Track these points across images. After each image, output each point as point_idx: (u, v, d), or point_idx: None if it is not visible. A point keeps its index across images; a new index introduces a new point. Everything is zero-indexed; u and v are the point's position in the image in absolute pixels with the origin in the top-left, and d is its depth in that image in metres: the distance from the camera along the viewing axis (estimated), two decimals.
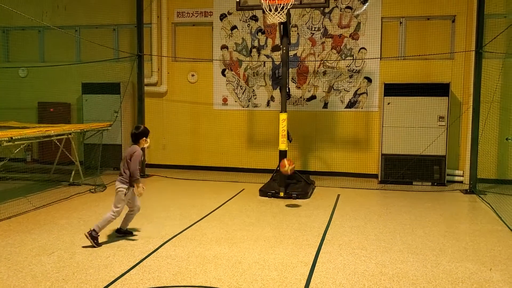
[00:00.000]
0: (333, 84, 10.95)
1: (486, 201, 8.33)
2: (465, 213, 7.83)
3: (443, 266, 5.09)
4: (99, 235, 5.71)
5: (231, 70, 11.53)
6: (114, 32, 12.13)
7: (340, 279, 4.69)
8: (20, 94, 12.57)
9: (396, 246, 5.79)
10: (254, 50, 11.36)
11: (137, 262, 5.14)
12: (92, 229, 5.67)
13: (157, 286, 4.49)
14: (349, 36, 10.80)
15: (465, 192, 9.24)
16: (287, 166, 8.08)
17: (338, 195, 8.92)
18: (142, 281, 4.60)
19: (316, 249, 5.65)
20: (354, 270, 4.96)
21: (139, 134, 5.89)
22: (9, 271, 4.84)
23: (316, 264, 5.12)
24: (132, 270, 4.89)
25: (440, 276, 4.79)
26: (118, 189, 5.80)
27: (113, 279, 4.65)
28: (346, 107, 10.92)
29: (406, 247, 5.76)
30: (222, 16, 11.44)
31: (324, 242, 5.92)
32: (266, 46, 11.28)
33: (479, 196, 8.79)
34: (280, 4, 8.01)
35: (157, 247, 5.67)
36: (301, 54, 11.06)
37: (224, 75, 11.58)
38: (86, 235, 5.64)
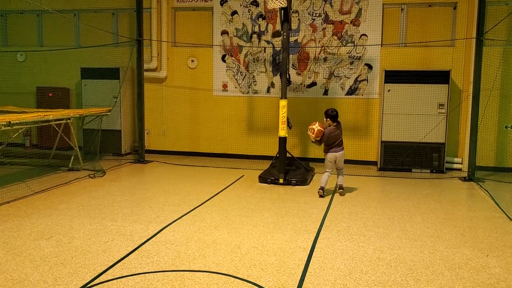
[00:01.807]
0: (334, 71, 10.90)
1: (484, 189, 8.35)
2: (463, 200, 7.85)
3: (441, 252, 5.11)
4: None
5: (231, 56, 11.47)
6: (113, 16, 12.05)
7: (338, 264, 4.71)
8: (18, 79, 12.53)
9: (394, 232, 5.82)
10: (254, 35, 11.29)
11: (136, 246, 5.16)
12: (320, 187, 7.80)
13: (156, 270, 4.51)
14: (350, 23, 10.73)
15: (464, 179, 9.25)
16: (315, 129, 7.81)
17: None
18: (141, 266, 4.62)
19: (315, 235, 5.68)
20: (352, 255, 4.98)
21: (337, 115, 7.86)
22: (8, 255, 4.86)
23: (315, 250, 5.14)
24: (131, 255, 4.91)
25: (437, 262, 4.81)
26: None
27: (111, 263, 4.67)
28: (346, 94, 10.89)
29: (404, 233, 5.78)
30: (223, 1, 11.34)
31: (322, 228, 5.94)
32: (267, 31, 11.21)
33: (478, 184, 8.81)
34: None
35: (156, 232, 5.68)
36: (301, 40, 11.00)
37: (224, 61, 11.53)
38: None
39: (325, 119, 7.88)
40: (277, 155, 8.95)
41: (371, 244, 5.36)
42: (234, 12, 11.31)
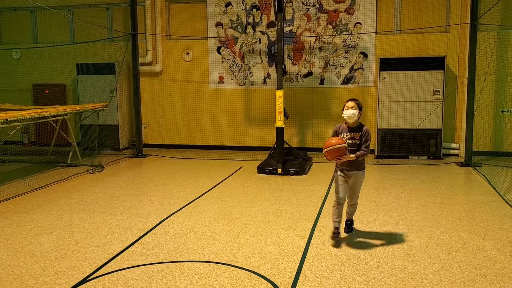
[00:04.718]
0: (329, 60, 10.91)
1: (481, 173, 8.40)
2: (460, 185, 7.90)
3: (438, 236, 5.16)
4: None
5: (227, 48, 11.47)
6: (108, 11, 12.02)
7: (336, 251, 4.76)
8: (14, 76, 12.51)
9: (391, 218, 5.86)
10: (249, 26, 11.28)
11: (135, 239, 5.20)
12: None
13: (156, 262, 4.55)
14: (344, 11, 10.72)
15: (461, 164, 9.30)
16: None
17: None
18: (141, 258, 4.66)
19: (313, 222, 5.72)
20: (350, 242, 5.02)
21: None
22: (8, 251, 4.90)
23: (313, 237, 5.19)
24: (130, 247, 4.95)
25: (435, 246, 4.86)
26: None
27: (112, 256, 4.71)
28: (342, 83, 10.90)
29: (401, 219, 5.82)
30: None
31: (320, 216, 5.99)
32: (261, 22, 11.20)
33: (475, 168, 8.86)
34: None
35: (155, 224, 5.72)
36: (296, 30, 10.99)
37: (219, 52, 11.52)
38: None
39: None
40: (275, 146, 8.98)
41: (369, 230, 5.40)
42: (228, 4, 11.29)
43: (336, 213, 5.02)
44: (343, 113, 5.00)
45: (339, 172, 4.99)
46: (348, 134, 4.97)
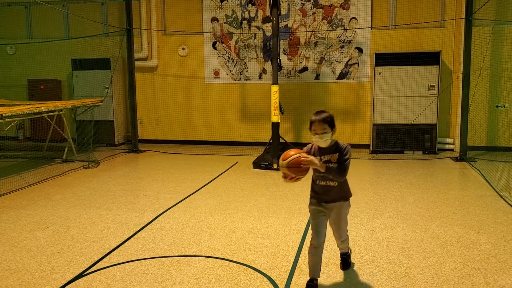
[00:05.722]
0: (325, 55, 10.91)
1: (476, 168, 8.44)
2: (455, 180, 7.94)
3: (432, 230, 5.19)
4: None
5: (222, 43, 11.45)
6: (103, 6, 11.96)
7: (332, 245, 4.76)
8: (9, 72, 12.44)
9: (386, 212, 5.90)
10: (244, 22, 11.26)
11: (131, 234, 5.21)
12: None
13: (152, 256, 4.57)
14: (340, 6, 10.72)
15: (456, 159, 9.35)
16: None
17: None
18: (137, 252, 4.67)
19: (308, 217, 5.74)
20: None
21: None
22: (4, 246, 4.90)
23: (308, 231, 5.19)
24: (126, 242, 4.96)
25: (429, 240, 4.90)
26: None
27: (108, 251, 4.72)
28: (337, 78, 10.91)
29: (396, 213, 5.86)
30: None
31: None
32: (257, 17, 11.18)
33: (469, 163, 8.91)
34: None
35: (151, 219, 5.73)
36: (292, 25, 10.99)
37: (215, 48, 11.50)
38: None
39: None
40: (271, 141, 8.99)
41: (364, 224, 5.43)
42: None
43: (312, 259, 3.77)
44: (312, 134, 3.79)
45: (314, 206, 3.79)
46: (322, 156, 3.75)
